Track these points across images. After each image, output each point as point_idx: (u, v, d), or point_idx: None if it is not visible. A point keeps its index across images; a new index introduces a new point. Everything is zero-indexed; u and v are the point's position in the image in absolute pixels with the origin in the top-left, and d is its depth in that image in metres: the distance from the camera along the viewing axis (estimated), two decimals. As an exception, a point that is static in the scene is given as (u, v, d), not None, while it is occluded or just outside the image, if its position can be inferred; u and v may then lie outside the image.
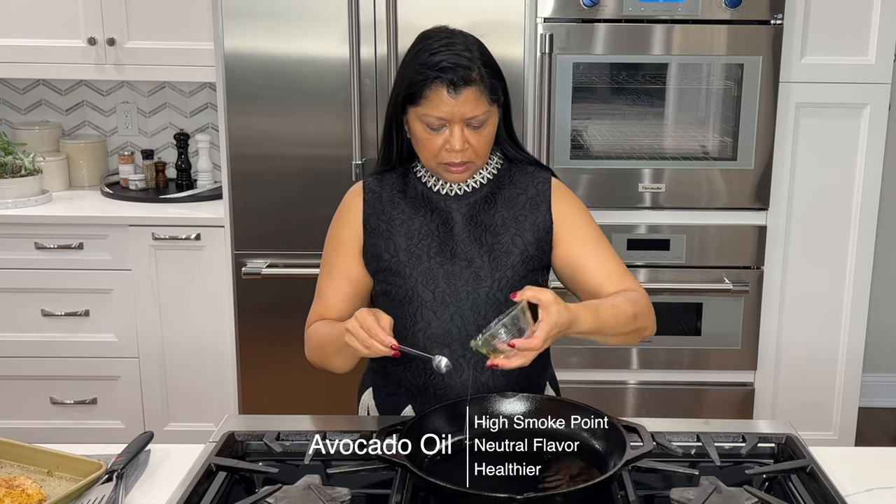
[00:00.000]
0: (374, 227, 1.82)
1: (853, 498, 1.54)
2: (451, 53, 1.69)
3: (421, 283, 1.77)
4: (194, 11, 3.21)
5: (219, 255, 3.16)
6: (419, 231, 1.80)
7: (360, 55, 2.89)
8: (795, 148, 3.05)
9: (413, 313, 1.78)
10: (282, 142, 2.99)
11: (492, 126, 1.76)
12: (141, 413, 3.32)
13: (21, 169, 3.30)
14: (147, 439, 1.70)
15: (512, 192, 1.84)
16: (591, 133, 3.07)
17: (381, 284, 1.82)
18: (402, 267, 1.78)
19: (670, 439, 1.65)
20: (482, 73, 1.70)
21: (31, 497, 1.48)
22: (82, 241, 3.20)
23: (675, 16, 2.91)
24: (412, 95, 1.71)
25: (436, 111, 1.69)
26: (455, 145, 1.70)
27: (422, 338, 1.77)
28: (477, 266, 1.78)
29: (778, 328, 3.18)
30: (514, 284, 1.78)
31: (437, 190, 1.82)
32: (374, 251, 1.81)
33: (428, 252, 1.79)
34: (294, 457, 1.63)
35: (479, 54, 1.72)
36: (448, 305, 1.77)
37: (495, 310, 1.76)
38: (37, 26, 3.28)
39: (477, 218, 1.81)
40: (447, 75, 1.67)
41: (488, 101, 1.72)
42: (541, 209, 1.83)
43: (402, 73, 1.75)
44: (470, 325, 1.76)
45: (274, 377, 3.14)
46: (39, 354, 3.27)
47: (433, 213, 1.81)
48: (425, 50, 1.72)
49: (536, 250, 1.81)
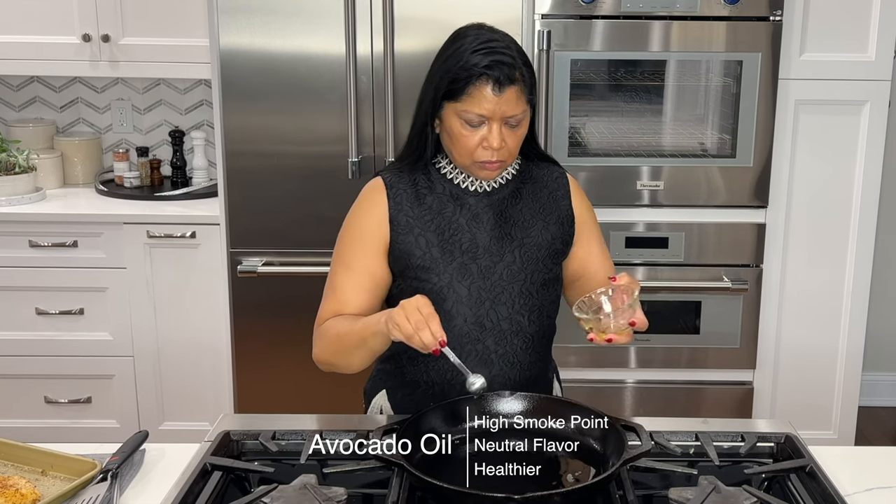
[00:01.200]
0: (401, 224, 1.80)
1: (853, 498, 1.54)
2: (496, 52, 1.71)
3: (456, 280, 1.78)
4: (189, 7, 3.20)
5: (214, 253, 3.16)
6: (450, 226, 1.80)
7: (356, 52, 2.88)
8: (795, 145, 3.05)
9: (448, 310, 1.77)
10: (278, 139, 2.99)
11: (525, 125, 1.78)
12: (136, 412, 3.32)
13: (15, 166, 3.29)
14: (142, 438, 1.70)
15: (534, 186, 1.87)
16: (589, 130, 3.07)
17: (411, 282, 1.80)
18: (436, 263, 1.78)
19: (669, 439, 1.65)
20: (524, 72, 1.73)
21: (26, 497, 1.48)
22: (77, 239, 3.19)
23: (673, 12, 2.91)
24: (454, 91, 1.72)
25: (478, 108, 1.70)
26: (493, 143, 1.72)
27: (456, 333, 1.77)
28: (509, 261, 1.80)
29: (777, 326, 3.18)
30: (543, 278, 1.82)
31: (464, 187, 1.83)
32: (403, 248, 1.79)
33: (460, 248, 1.79)
34: (290, 456, 1.63)
35: (519, 54, 1.75)
36: (484, 301, 1.79)
37: (527, 304, 1.80)
38: (31, 23, 3.26)
39: (505, 213, 1.83)
40: (493, 73, 1.69)
41: (526, 101, 1.74)
42: (563, 203, 1.88)
43: (443, 68, 1.75)
44: (504, 320, 1.79)
45: (270, 376, 3.14)
46: (33, 353, 3.26)
47: (462, 208, 1.82)
48: (467, 46, 1.73)
49: (562, 244, 1.86)
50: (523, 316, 1.80)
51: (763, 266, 3.10)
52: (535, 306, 1.81)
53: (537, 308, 1.82)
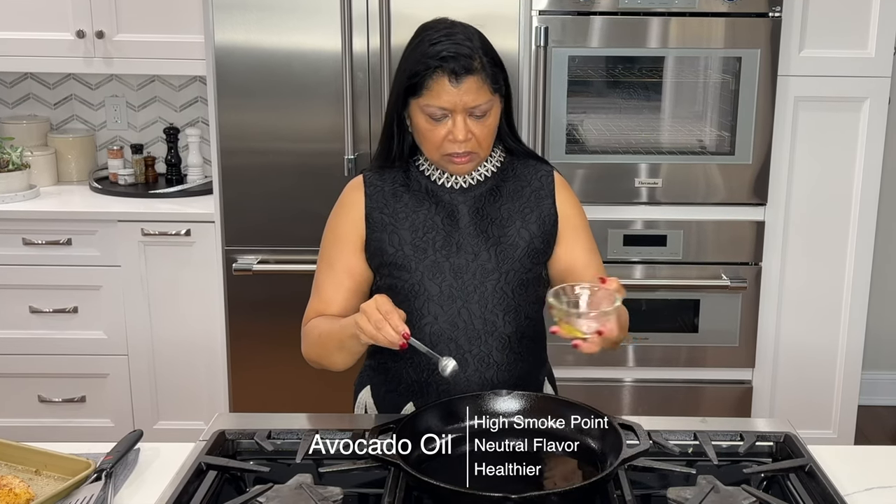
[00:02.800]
0: (377, 221, 1.81)
1: (852, 497, 1.54)
2: (452, 43, 1.71)
3: (427, 277, 1.78)
4: (184, 4, 3.19)
5: (209, 250, 3.16)
6: (424, 224, 1.80)
7: (352, 48, 2.88)
8: (794, 142, 3.06)
9: (419, 308, 1.78)
10: (273, 136, 2.99)
11: (494, 116, 1.77)
12: (130, 411, 3.32)
13: (8, 164, 3.29)
14: (136, 438, 1.71)
15: (516, 184, 1.85)
16: (587, 127, 3.07)
17: (386, 279, 1.81)
18: (408, 260, 1.78)
19: (667, 438, 1.65)
20: (483, 62, 1.71)
21: (19, 496, 1.49)
22: (70, 237, 3.19)
23: (671, 8, 2.91)
24: (414, 87, 1.72)
25: (438, 101, 1.70)
26: (458, 135, 1.71)
27: (428, 332, 1.77)
28: (483, 259, 1.79)
29: (776, 325, 3.19)
30: (521, 278, 1.80)
31: (441, 183, 1.83)
32: (377, 245, 1.80)
33: (433, 245, 1.79)
34: (285, 455, 1.64)
35: (480, 44, 1.74)
36: (455, 299, 1.78)
37: (502, 304, 1.79)
38: (24, 19, 3.26)
39: (482, 211, 1.82)
40: (448, 64, 1.69)
41: (490, 91, 1.72)
42: (545, 202, 1.85)
43: (403, 66, 1.76)
44: (477, 319, 1.78)
45: (265, 374, 3.15)
46: (27, 352, 3.27)
47: (438, 206, 1.82)
48: (425, 41, 1.74)
49: (542, 243, 1.83)
50: (497, 316, 1.78)
51: (762, 264, 3.10)
52: (510, 306, 1.79)
53: (513, 308, 1.80)
